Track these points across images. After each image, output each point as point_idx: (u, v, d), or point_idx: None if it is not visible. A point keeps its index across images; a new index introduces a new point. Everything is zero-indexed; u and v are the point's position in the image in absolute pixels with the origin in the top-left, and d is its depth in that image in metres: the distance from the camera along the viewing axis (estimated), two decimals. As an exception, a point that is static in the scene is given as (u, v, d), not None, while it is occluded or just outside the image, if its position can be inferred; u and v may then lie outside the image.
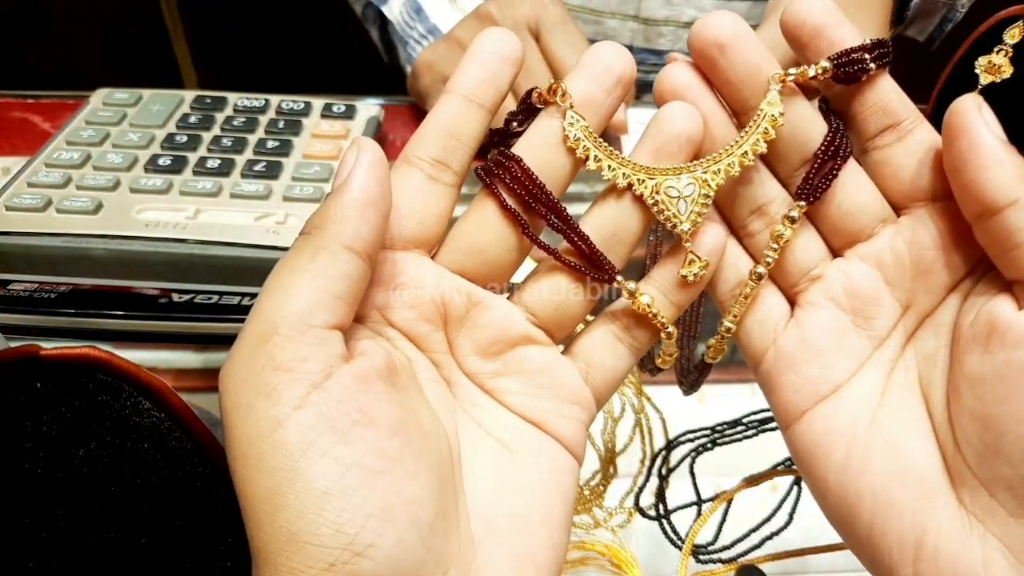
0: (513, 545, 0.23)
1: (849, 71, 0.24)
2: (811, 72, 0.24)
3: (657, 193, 0.25)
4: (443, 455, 0.23)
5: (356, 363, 0.21)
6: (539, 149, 0.25)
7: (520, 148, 0.25)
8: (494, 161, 0.25)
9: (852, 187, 0.25)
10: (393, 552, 0.20)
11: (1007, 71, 0.26)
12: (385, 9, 0.66)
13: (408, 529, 0.20)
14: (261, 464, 0.20)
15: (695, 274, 0.25)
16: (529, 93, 0.25)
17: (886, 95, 0.25)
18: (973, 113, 0.22)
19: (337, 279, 0.21)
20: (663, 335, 0.26)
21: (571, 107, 0.24)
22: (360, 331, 0.23)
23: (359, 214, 0.22)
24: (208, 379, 0.49)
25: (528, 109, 0.26)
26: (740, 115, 0.25)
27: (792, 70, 0.24)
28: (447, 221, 0.25)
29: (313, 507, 0.19)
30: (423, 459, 0.22)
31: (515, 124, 0.26)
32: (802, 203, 0.25)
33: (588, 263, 0.25)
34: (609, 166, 0.25)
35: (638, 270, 0.27)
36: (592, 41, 0.68)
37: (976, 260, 0.24)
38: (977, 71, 0.27)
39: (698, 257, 0.25)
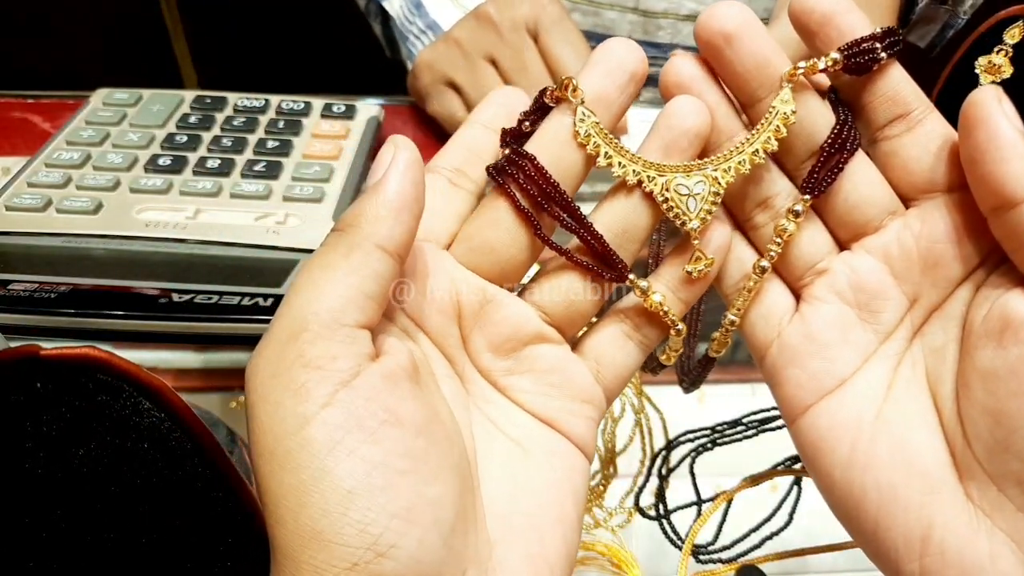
0: (527, 545, 0.23)
1: (860, 61, 0.24)
2: (821, 65, 0.24)
3: (667, 190, 0.24)
4: (462, 454, 0.23)
5: (383, 362, 0.21)
6: (551, 146, 0.25)
7: (532, 145, 0.25)
8: (507, 160, 0.25)
9: (859, 179, 0.25)
10: (415, 553, 0.20)
11: (1007, 71, 0.26)
12: (386, 4, 0.66)
13: (431, 530, 0.20)
14: (287, 461, 0.20)
15: (699, 271, 0.25)
16: (543, 93, 0.25)
17: (896, 84, 0.24)
18: (992, 104, 0.22)
19: (369, 278, 0.21)
20: (673, 332, 0.26)
21: (582, 103, 0.24)
22: (384, 327, 0.23)
23: (394, 215, 0.22)
24: (208, 379, 0.49)
25: (541, 109, 0.26)
26: (747, 107, 0.25)
27: (802, 64, 0.24)
28: (463, 222, 0.26)
29: (338, 506, 0.19)
30: (446, 459, 0.22)
31: (527, 124, 0.26)
32: (807, 197, 0.25)
33: (600, 262, 0.25)
34: (619, 163, 0.25)
35: (641, 268, 0.27)
36: (590, 34, 0.68)
37: (985, 253, 0.24)
38: (977, 71, 0.27)
39: (704, 255, 0.25)
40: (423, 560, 0.20)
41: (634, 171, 0.25)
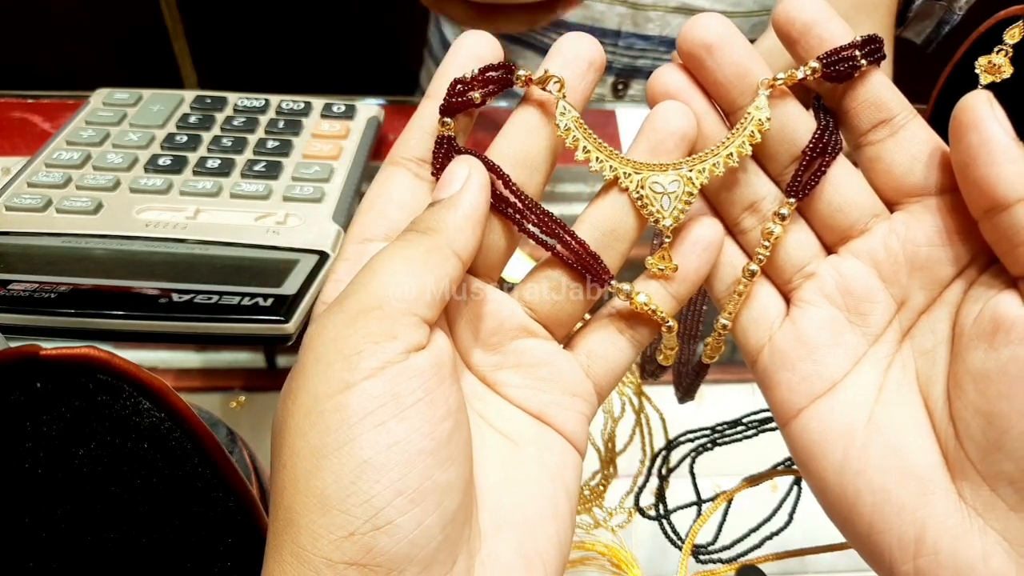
0: (520, 539, 0.23)
1: (839, 70, 0.24)
2: (799, 75, 0.25)
3: (642, 188, 0.25)
4: (471, 445, 0.23)
5: (431, 349, 0.22)
6: (523, 135, 0.25)
7: (507, 134, 0.25)
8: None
9: (841, 183, 0.26)
10: (412, 534, 0.20)
11: (1007, 71, 0.26)
12: None
13: (432, 514, 0.20)
14: (319, 421, 0.20)
15: (660, 269, 0.26)
16: (488, 68, 0.25)
17: (878, 90, 0.25)
18: (984, 108, 0.22)
19: (443, 279, 0.22)
20: (664, 329, 0.26)
21: (564, 97, 0.25)
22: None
23: (471, 228, 0.23)
24: (208, 379, 0.49)
25: (494, 82, 0.25)
26: (729, 115, 0.26)
27: (780, 74, 0.25)
28: None
29: (351, 474, 0.20)
30: (464, 447, 0.22)
31: (476, 96, 0.25)
32: (792, 200, 0.26)
33: (584, 269, 0.25)
34: (597, 158, 0.25)
35: (641, 268, 0.27)
36: (580, 26, 0.67)
37: (972, 256, 0.24)
38: (977, 71, 0.27)
39: (669, 259, 0.26)
40: (418, 542, 0.20)
41: (611, 167, 0.25)
